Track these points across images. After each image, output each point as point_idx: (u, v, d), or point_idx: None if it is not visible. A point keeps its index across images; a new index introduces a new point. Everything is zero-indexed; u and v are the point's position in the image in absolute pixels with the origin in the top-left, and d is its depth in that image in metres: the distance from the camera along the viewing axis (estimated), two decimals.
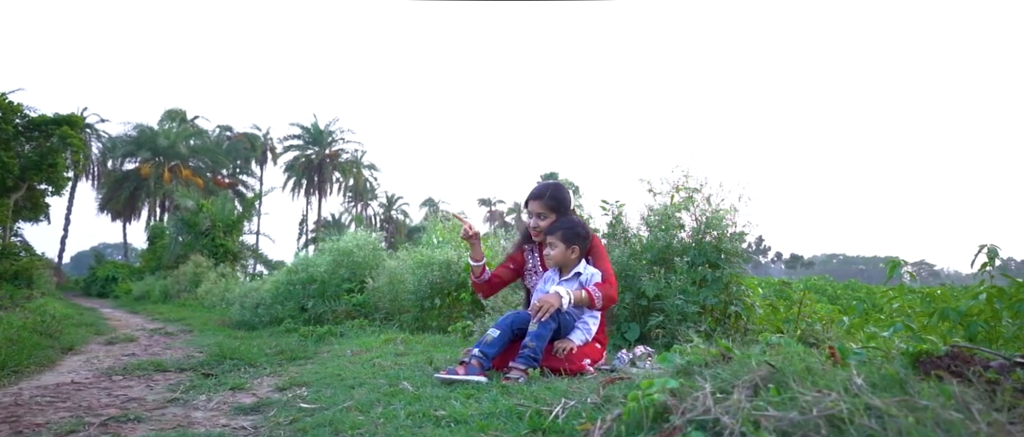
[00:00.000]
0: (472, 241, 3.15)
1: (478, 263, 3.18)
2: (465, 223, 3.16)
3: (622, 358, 2.95)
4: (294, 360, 4.10)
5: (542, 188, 3.10)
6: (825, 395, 1.40)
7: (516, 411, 1.96)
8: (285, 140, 41.29)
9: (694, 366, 2.02)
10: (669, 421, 1.57)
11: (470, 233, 3.12)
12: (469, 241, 3.16)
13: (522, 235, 3.33)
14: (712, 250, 4.02)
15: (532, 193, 3.11)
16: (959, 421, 1.22)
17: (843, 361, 1.91)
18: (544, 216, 3.07)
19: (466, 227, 3.13)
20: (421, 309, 5.49)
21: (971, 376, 1.72)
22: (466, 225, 3.15)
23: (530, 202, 3.10)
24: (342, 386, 2.73)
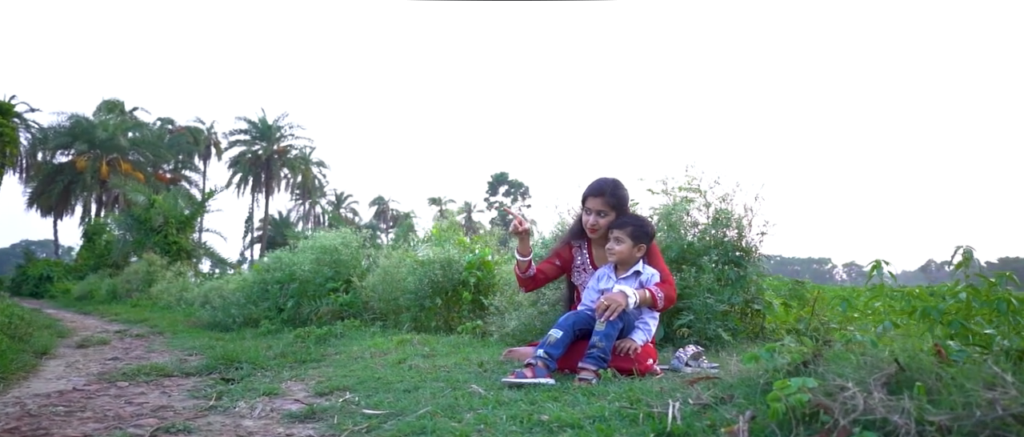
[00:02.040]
0: (522, 236, 3.05)
1: (525, 258, 3.08)
2: (516, 217, 3.06)
3: (680, 357, 2.91)
4: (304, 362, 3.90)
5: (602, 184, 3.01)
6: (1002, 393, 1.37)
7: (624, 414, 1.88)
8: (231, 135, 39.88)
9: (795, 365, 1.99)
10: (821, 421, 1.52)
11: (521, 228, 3.02)
12: (519, 236, 3.06)
13: (571, 231, 3.24)
14: (734, 249, 4.05)
15: (591, 189, 3.02)
16: None
17: (949, 359, 1.91)
18: (604, 213, 2.99)
19: (517, 222, 3.03)
20: (420, 308, 5.33)
21: None
22: (517, 219, 3.05)
23: (589, 198, 3.02)
24: (394, 390, 2.59)
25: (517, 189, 64.72)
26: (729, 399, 1.92)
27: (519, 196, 64.66)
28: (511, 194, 64.32)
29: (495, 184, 64.81)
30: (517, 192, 64.64)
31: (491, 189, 64.88)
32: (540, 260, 3.28)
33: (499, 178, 65.05)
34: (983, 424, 1.32)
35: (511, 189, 64.51)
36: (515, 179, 65.10)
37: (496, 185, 64.79)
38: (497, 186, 64.81)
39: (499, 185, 64.75)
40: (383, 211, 57.10)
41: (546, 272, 3.16)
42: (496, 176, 65.23)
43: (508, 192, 64.41)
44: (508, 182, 64.72)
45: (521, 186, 65.04)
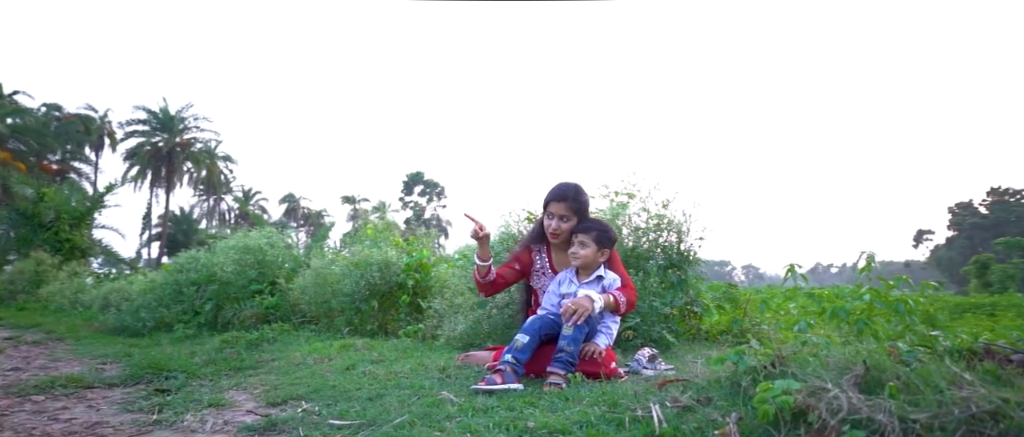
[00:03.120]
0: (482, 241, 3.02)
1: (485, 263, 3.05)
2: (476, 223, 3.02)
3: (639, 360, 2.97)
4: (239, 370, 3.70)
5: (565, 189, 3.02)
6: (973, 391, 1.49)
7: (609, 418, 1.90)
8: (128, 125, 37.15)
9: (763, 367, 2.08)
10: (808, 421, 1.59)
11: (481, 233, 2.99)
12: (479, 241, 3.02)
13: (530, 235, 3.24)
14: (674, 253, 4.19)
15: (554, 194, 3.02)
16: None
17: (901, 360, 2.05)
18: (566, 218, 3.01)
19: (477, 227, 2.99)
20: (355, 311, 5.18)
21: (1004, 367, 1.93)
22: (477, 225, 3.01)
23: (552, 203, 3.02)
24: (355, 399, 2.49)
25: (433, 189, 64.25)
26: (707, 401, 1.97)
27: (434, 196, 64.24)
28: (427, 194, 63.79)
29: (410, 183, 64.06)
30: (433, 192, 64.18)
31: (406, 188, 64.07)
32: (499, 264, 3.26)
33: (414, 177, 64.34)
34: (960, 421, 1.43)
35: (427, 189, 63.96)
36: (431, 179, 64.61)
37: (411, 184, 64.05)
38: (412, 186, 64.08)
39: (414, 185, 64.05)
40: (294, 209, 55.06)
41: (506, 276, 3.14)
42: (411, 175, 64.47)
43: (424, 192, 63.84)
44: (424, 182, 64.14)
45: (437, 186, 64.62)
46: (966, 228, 72.39)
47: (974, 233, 70.63)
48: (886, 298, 5.94)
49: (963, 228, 72.90)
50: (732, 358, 2.19)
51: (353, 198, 60.28)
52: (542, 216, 3.12)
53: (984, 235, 68.05)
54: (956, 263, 60.49)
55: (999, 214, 71.18)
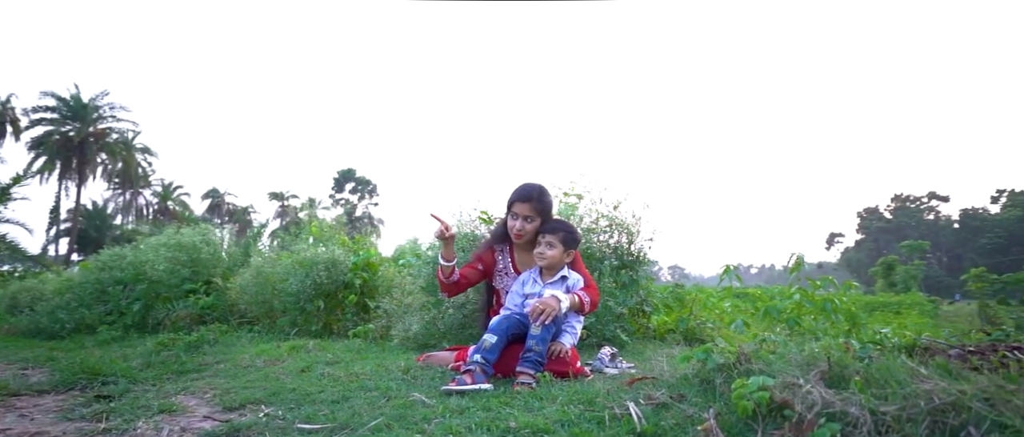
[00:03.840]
0: (447, 242, 2.99)
1: (449, 263, 3.02)
2: (442, 223, 2.99)
3: (602, 358, 3.02)
4: (183, 374, 3.52)
5: (530, 190, 3.03)
6: (935, 385, 1.60)
7: (590, 416, 1.93)
8: (34, 112, 34.59)
9: (730, 364, 2.16)
10: (785, 415, 1.67)
11: (447, 234, 2.97)
12: (444, 242, 2.99)
13: (493, 235, 3.23)
14: (627, 254, 4.28)
15: (519, 195, 3.03)
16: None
17: (857, 355, 2.18)
18: (531, 219, 3.02)
19: (442, 227, 2.97)
20: (300, 311, 5.02)
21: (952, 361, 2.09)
22: (443, 225, 2.98)
23: (516, 204, 3.02)
24: (319, 402, 2.42)
25: (365, 187, 63.11)
26: (681, 398, 2.03)
27: (366, 194, 63.13)
28: (358, 192, 62.61)
29: (342, 181, 62.70)
30: (365, 190, 63.04)
31: (337, 186, 62.67)
32: (462, 264, 3.24)
33: (346, 174, 63.00)
34: (925, 412, 1.53)
35: (359, 186, 62.76)
36: (363, 176, 63.44)
37: (343, 182, 62.69)
38: (343, 183, 62.73)
39: (346, 182, 62.72)
40: (218, 205, 52.75)
41: (468, 277, 3.13)
42: (343, 172, 63.10)
43: (355, 189, 62.61)
44: (355, 179, 62.91)
45: (369, 184, 63.50)
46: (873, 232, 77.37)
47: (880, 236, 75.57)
48: (813, 298, 6.29)
49: (870, 232, 77.87)
50: (699, 356, 2.27)
51: (281, 194, 58.42)
52: (506, 217, 3.13)
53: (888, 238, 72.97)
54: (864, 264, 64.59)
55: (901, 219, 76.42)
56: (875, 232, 76.86)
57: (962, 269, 61.89)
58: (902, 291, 24.26)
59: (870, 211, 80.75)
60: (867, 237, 77.93)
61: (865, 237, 78.47)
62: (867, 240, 77.45)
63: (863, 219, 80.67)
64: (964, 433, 1.46)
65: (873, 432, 1.53)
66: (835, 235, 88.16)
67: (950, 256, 68.69)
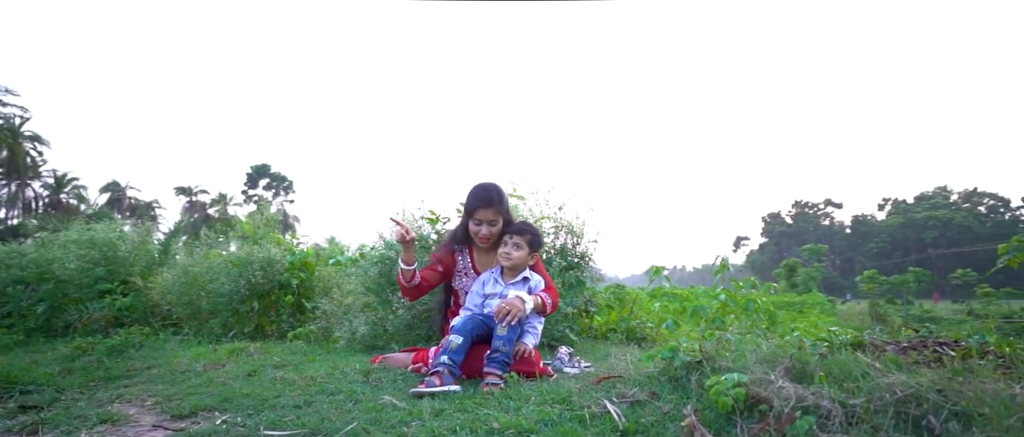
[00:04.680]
0: (408, 245, 2.94)
1: (410, 267, 2.98)
2: (402, 226, 2.94)
3: (562, 358, 3.05)
4: (112, 380, 3.28)
5: (490, 194, 3.01)
6: (896, 379, 1.73)
7: (572, 415, 1.95)
8: None
9: (697, 362, 2.25)
10: (762, 410, 1.76)
11: (408, 237, 2.92)
12: (404, 245, 2.95)
13: (452, 237, 3.20)
14: (573, 256, 4.36)
15: (482, 200, 3.00)
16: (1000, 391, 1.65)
17: (808, 352, 2.32)
18: (495, 222, 3.02)
19: (403, 230, 2.92)
20: (233, 313, 4.79)
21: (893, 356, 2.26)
22: (403, 228, 2.93)
23: (479, 210, 3.00)
24: (280, 407, 2.33)
25: (280, 183, 60.94)
26: (654, 396, 2.10)
27: (282, 190, 60.98)
28: (273, 188, 60.38)
29: (255, 176, 60.27)
30: (280, 186, 60.88)
31: (251, 181, 60.19)
32: (423, 266, 3.19)
33: (260, 170, 60.58)
34: (889, 404, 1.65)
35: (273, 182, 60.53)
36: (278, 172, 61.22)
37: (256, 177, 60.27)
38: (257, 178, 60.32)
39: (260, 177, 60.34)
40: (118, 199, 49.35)
41: (429, 279, 3.09)
42: (257, 168, 60.63)
43: (270, 185, 60.35)
44: (270, 175, 60.62)
45: (284, 180, 61.36)
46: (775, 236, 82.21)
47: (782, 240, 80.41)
48: (736, 298, 6.61)
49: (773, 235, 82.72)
50: (665, 355, 2.35)
51: (189, 189, 55.47)
52: (465, 221, 3.10)
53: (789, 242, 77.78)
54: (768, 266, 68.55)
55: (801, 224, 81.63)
56: (777, 236, 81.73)
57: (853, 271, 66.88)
58: (803, 291, 25.92)
59: (773, 216, 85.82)
60: (770, 240, 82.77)
61: (768, 240, 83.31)
62: (770, 243, 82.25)
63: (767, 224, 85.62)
64: (925, 422, 1.59)
65: (844, 423, 1.64)
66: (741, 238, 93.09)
67: (843, 259, 74.00)
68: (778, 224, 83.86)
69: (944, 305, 30.07)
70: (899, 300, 25.51)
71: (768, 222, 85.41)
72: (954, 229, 66.37)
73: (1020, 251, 11.14)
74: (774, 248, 79.30)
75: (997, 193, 74.06)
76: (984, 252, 60.19)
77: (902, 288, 26.41)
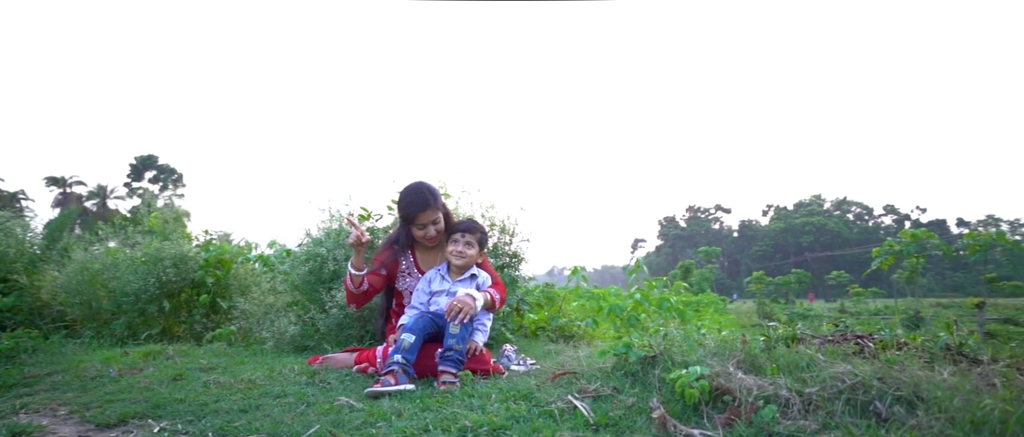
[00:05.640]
0: (360, 249, 2.85)
1: (360, 272, 2.89)
2: (357, 229, 2.83)
3: (509, 356, 3.06)
4: (8, 388, 2.95)
5: (427, 197, 2.96)
6: (844, 368, 1.87)
7: (542, 411, 1.97)
8: None
9: (649, 357, 2.33)
10: (725, 400, 1.85)
11: (363, 239, 2.82)
12: (356, 249, 2.84)
13: (391, 239, 3.11)
14: (506, 255, 4.38)
15: (419, 205, 2.94)
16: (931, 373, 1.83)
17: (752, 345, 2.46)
18: (437, 222, 2.98)
19: (358, 233, 2.82)
20: (139, 314, 4.44)
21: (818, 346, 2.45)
22: (358, 230, 2.82)
23: (421, 214, 2.94)
24: (222, 413, 2.19)
25: (168, 176, 57.03)
26: (615, 391, 2.15)
27: (170, 184, 57.07)
28: (160, 181, 56.41)
29: (140, 168, 56.10)
30: (168, 179, 56.95)
31: (135, 173, 55.94)
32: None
33: (145, 161, 56.44)
34: (841, 391, 1.79)
35: (160, 175, 56.56)
36: (166, 164, 57.26)
37: (141, 169, 56.11)
38: (142, 170, 56.17)
39: (145, 169, 56.22)
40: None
41: (375, 284, 3.00)
42: (142, 159, 56.43)
43: (156, 178, 56.35)
44: (157, 167, 56.59)
45: (173, 172, 57.47)
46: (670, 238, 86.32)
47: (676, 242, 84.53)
48: (650, 297, 6.89)
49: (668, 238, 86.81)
50: (619, 350, 2.41)
51: (62, 180, 50.72)
52: (405, 228, 3.02)
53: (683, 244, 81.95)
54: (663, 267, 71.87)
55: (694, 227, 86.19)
56: (672, 238, 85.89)
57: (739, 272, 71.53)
58: (698, 292, 27.36)
59: (668, 220, 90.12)
60: (665, 242, 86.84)
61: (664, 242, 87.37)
62: (665, 245, 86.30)
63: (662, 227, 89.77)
64: (871, 407, 1.73)
65: (802, 410, 1.75)
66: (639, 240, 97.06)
67: (730, 261, 78.89)
68: (673, 227, 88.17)
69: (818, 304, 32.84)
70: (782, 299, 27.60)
71: (663, 225, 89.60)
72: (827, 234, 72.49)
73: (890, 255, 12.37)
74: (669, 250, 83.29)
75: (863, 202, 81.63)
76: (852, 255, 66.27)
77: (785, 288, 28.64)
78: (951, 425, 1.48)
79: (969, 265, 47.01)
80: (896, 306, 17.76)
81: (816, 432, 1.62)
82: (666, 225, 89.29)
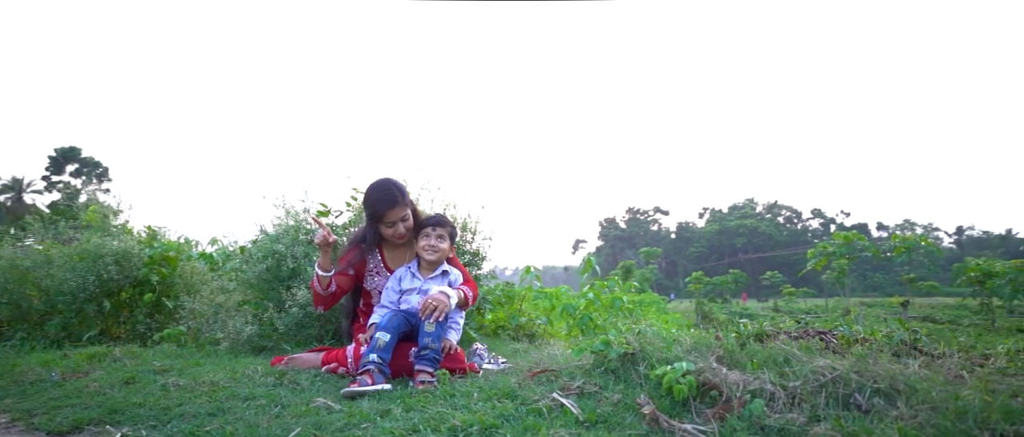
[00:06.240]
0: (327, 249, 2.75)
1: (328, 273, 2.79)
2: (324, 228, 2.73)
3: (481, 354, 3.02)
4: None
5: (395, 194, 2.88)
6: (825, 365, 1.93)
7: (531, 410, 1.94)
8: None
9: (628, 355, 2.35)
10: (712, 396, 1.88)
11: (331, 239, 2.72)
12: (323, 249, 2.74)
13: (358, 238, 3.00)
14: (468, 253, 4.34)
15: (387, 202, 2.85)
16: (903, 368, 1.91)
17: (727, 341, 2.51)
18: (406, 218, 2.91)
19: (325, 233, 2.72)
20: (77, 313, 4.17)
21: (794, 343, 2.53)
22: (325, 230, 2.72)
23: (390, 212, 2.85)
24: (190, 417, 2.07)
25: (92, 169, 54.02)
26: (598, 387, 2.15)
27: (94, 178, 54.06)
28: (83, 174, 53.37)
29: (61, 160, 52.91)
30: (92, 173, 53.95)
31: (54, 167, 52.69)
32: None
33: (66, 154, 53.30)
34: (821, 385, 1.84)
35: (83, 168, 53.52)
36: (90, 156, 54.24)
37: (62, 162, 52.93)
38: (63, 163, 52.99)
39: (66, 162, 53.08)
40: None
41: (342, 285, 2.91)
42: (63, 151, 53.27)
43: (79, 172, 53.29)
44: (80, 160, 53.53)
45: (98, 166, 54.50)
46: (611, 239, 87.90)
47: (616, 243, 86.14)
48: (602, 297, 6.98)
49: (609, 239, 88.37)
50: (597, 348, 2.42)
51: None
52: (374, 226, 2.93)
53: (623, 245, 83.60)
54: (604, 267, 73.05)
55: (633, 229, 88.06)
56: (612, 239, 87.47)
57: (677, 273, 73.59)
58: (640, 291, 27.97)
59: (609, 221, 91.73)
60: (606, 243, 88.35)
61: (604, 243, 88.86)
62: (606, 246, 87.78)
63: (603, 228, 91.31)
64: (852, 399, 1.79)
65: (787, 404, 1.80)
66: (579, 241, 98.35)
67: (668, 262, 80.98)
68: (613, 228, 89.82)
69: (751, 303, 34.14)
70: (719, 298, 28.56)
71: (604, 226, 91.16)
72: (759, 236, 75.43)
73: (823, 256, 12.99)
74: (609, 251, 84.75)
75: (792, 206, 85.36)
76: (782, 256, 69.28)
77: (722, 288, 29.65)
78: (937, 415, 1.55)
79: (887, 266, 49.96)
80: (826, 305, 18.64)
81: (805, 424, 1.67)
82: (606, 226, 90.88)
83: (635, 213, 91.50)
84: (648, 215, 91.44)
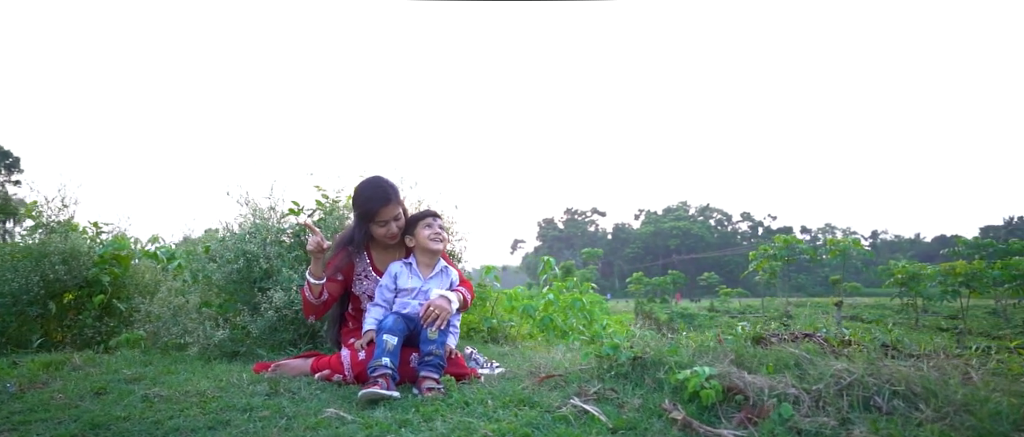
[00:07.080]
0: (319, 256, 2.62)
1: (319, 281, 2.66)
2: (317, 234, 2.59)
3: (476, 359, 2.95)
4: None
5: (388, 190, 2.76)
6: (842, 369, 1.97)
7: (557, 417, 1.90)
8: None
9: (638, 358, 2.34)
10: (737, 400, 1.89)
11: (324, 246, 2.59)
12: (315, 256, 2.61)
13: (344, 240, 2.87)
14: None
15: (381, 200, 2.73)
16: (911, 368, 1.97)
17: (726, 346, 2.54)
18: (399, 217, 2.80)
19: (318, 239, 2.58)
20: (18, 316, 3.84)
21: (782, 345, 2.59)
22: (317, 236, 2.59)
23: (382, 210, 2.73)
24: (184, 431, 1.92)
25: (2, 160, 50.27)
26: (614, 392, 2.13)
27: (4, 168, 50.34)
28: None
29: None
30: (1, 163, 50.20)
31: None
32: None
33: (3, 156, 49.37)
34: (841, 389, 1.88)
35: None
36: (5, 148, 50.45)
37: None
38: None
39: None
40: None
41: (333, 292, 2.77)
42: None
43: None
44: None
45: (8, 156, 50.81)
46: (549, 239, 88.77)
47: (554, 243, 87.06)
48: (561, 298, 7.02)
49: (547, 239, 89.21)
50: (606, 351, 2.41)
51: None
52: (363, 226, 2.81)
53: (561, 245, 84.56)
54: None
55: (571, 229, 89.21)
56: (551, 240, 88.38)
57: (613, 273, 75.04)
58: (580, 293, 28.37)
59: (547, 221, 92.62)
60: (544, 244, 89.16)
61: (542, 244, 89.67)
62: (544, 246, 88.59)
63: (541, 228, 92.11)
64: (872, 402, 1.84)
65: (813, 407, 1.83)
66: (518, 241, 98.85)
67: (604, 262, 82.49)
68: (551, 229, 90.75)
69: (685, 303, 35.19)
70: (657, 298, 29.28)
71: (542, 227, 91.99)
72: (692, 238, 77.86)
73: (764, 258, 13.52)
74: (547, 251, 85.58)
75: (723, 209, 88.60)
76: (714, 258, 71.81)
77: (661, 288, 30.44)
78: (970, 417, 1.60)
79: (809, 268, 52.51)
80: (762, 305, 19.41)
81: (838, 428, 1.70)
82: (545, 226, 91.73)
83: (573, 214, 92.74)
84: (586, 216, 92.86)
